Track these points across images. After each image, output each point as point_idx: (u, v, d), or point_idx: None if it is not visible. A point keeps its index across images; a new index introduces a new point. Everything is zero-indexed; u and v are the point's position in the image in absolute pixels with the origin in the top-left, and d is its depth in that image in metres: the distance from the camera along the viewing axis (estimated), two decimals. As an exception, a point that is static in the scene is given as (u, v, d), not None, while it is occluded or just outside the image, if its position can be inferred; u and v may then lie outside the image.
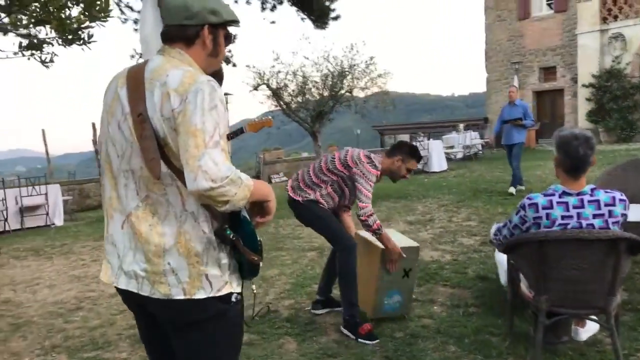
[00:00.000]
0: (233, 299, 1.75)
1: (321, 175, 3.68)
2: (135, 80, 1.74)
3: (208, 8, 1.77)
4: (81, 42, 4.14)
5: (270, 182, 17.42)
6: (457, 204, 8.52)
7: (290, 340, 3.60)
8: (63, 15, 3.63)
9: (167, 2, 1.80)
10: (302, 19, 17.38)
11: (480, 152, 17.18)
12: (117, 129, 1.75)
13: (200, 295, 1.68)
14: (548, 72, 23.70)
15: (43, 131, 15.50)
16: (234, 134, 3.70)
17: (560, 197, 2.70)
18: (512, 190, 8.98)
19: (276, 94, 10.32)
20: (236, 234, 1.69)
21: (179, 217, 1.68)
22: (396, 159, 3.71)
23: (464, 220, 7.22)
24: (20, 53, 3.95)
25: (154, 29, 3.41)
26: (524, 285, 3.10)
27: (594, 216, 2.64)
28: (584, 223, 2.64)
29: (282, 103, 10.27)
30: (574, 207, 2.66)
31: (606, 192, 2.67)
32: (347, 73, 10.33)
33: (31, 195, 10.28)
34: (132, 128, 1.71)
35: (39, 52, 3.76)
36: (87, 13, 3.88)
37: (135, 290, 1.73)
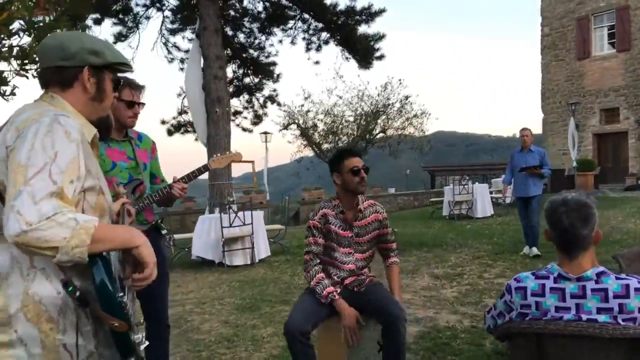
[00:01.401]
0: None
1: None
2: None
3: (88, 48, 1.62)
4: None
5: (309, 223, 16.93)
6: (494, 256, 7.75)
7: None
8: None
9: (43, 43, 1.66)
10: (347, 58, 17.22)
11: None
12: None
13: None
14: (610, 113, 22.43)
15: None
16: (198, 171, 3.31)
17: (555, 281, 2.08)
18: (526, 250, 7.58)
19: (305, 133, 9.93)
20: (86, 297, 1.42)
21: (26, 275, 1.44)
22: (335, 177, 3.21)
23: (496, 276, 6.45)
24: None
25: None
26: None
27: (599, 310, 1.98)
28: (584, 318, 1.99)
29: (312, 143, 9.85)
30: (573, 297, 2.03)
31: (618, 278, 2.03)
32: (381, 113, 9.83)
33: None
34: None
35: (2, 85, 3.49)
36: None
37: None
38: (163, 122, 18.11)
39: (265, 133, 16.18)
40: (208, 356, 4.20)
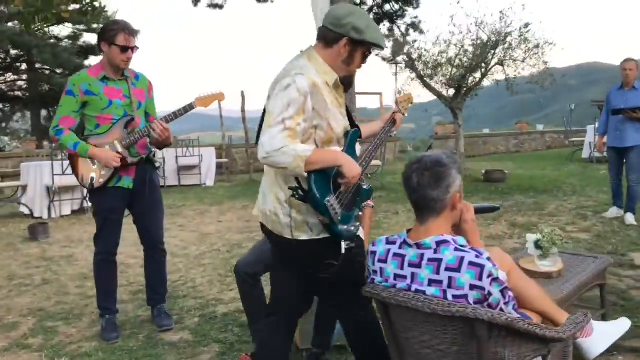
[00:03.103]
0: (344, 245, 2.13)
1: None
2: None
3: (354, 25, 2.09)
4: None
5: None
6: (603, 207, 6.88)
7: (216, 349, 3.25)
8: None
9: (332, 7, 2.25)
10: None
11: None
12: None
13: (304, 237, 2.16)
14: None
15: (242, 93, 14.84)
16: (184, 109, 3.46)
17: (400, 247, 1.89)
18: (613, 212, 6.28)
19: (410, 65, 9.44)
20: (306, 197, 2.06)
21: (277, 176, 2.19)
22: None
23: (581, 230, 5.80)
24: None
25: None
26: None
27: (430, 282, 1.78)
28: (414, 288, 1.80)
29: (418, 75, 9.35)
30: (410, 265, 1.84)
31: (458, 249, 1.77)
32: (500, 42, 8.93)
33: (185, 156, 11.28)
34: None
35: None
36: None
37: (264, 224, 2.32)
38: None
39: (396, 63, 15.68)
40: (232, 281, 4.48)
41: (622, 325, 2.32)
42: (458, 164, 1.89)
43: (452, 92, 9.56)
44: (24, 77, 23.50)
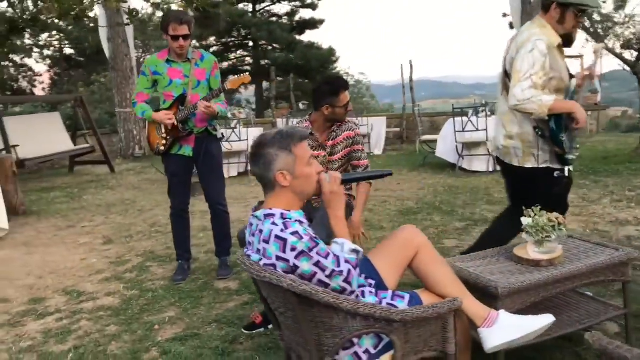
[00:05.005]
0: (554, 174, 2.94)
1: None
2: (512, 39, 3.01)
3: None
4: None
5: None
6: None
7: (244, 299, 3.66)
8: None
9: None
10: None
11: None
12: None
13: (528, 165, 2.94)
14: None
15: (410, 62, 13.86)
16: (218, 90, 3.87)
17: (254, 216, 2.01)
18: None
19: (586, 29, 8.25)
20: (545, 134, 2.85)
21: (522, 121, 2.92)
22: (324, 109, 3.13)
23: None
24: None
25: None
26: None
27: (257, 250, 1.90)
28: (248, 253, 1.97)
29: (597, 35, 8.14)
30: (252, 234, 1.97)
31: (274, 223, 1.85)
32: None
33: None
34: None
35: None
36: None
37: (497, 156, 3.17)
38: (504, 15, 17.55)
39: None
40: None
41: (539, 321, 2.06)
42: (284, 143, 1.91)
43: (635, 55, 8.22)
44: (251, 53, 26.49)
